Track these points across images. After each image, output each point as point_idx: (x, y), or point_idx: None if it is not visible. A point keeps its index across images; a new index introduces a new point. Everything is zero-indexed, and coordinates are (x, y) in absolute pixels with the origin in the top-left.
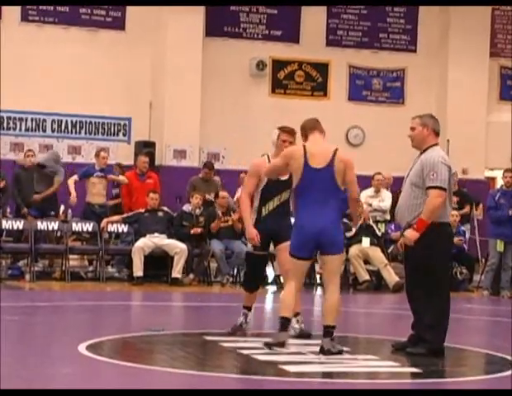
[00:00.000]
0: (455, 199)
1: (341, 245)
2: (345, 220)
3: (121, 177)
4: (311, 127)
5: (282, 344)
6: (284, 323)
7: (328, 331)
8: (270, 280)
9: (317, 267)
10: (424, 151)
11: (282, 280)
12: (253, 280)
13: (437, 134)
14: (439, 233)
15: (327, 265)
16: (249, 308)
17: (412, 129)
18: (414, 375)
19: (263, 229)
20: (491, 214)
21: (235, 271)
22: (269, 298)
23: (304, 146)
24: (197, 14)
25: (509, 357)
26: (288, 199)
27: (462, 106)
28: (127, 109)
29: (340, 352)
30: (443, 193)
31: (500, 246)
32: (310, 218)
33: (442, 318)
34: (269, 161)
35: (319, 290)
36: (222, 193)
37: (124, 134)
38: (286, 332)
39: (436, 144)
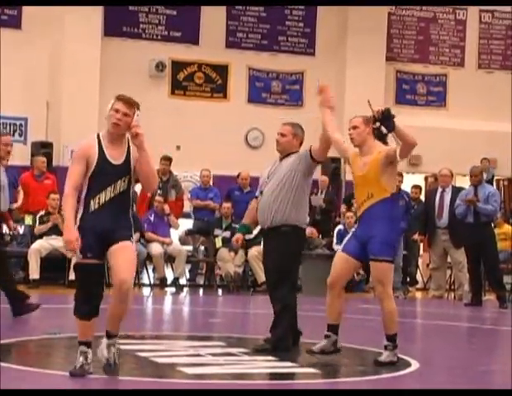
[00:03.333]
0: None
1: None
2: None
3: None
4: None
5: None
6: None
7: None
8: (169, 282)
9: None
10: (287, 156)
11: (180, 281)
12: (87, 302)
13: (301, 144)
14: (294, 236)
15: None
16: (88, 344)
17: (282, 135)
18: (312, 375)
19: (93, 229)
20: None
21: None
22: (168, 300)
23: None
24: (96, 14)
25: (404, 357)
26: (128, 189)
27: (359, 108)
28: (23, 109)
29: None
30: None
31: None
32: None
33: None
34: (99, 141)
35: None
36: None
37: (20, 135)
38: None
39: (298, 152)
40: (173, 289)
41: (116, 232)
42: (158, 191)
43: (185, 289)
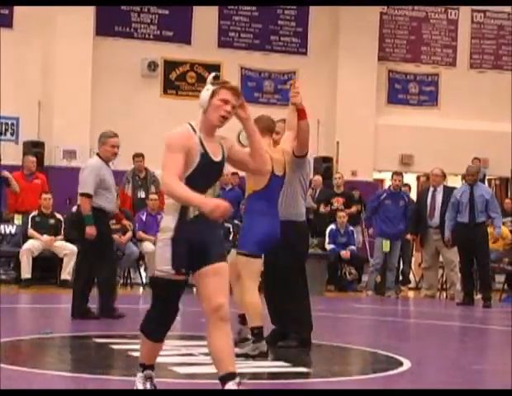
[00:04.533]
0: (341, 200)
1: None
2: (236, 222)
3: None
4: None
5: (265, 354)
6: (259, 333)
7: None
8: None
9: None
10: None
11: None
12: (165, 323)
13: None
14: (296, 232)
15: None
16: (151, 367)
17: (277, 133)
18: (303, 375)
19: (189, 241)
20: (370, 212)
21: (126, 272)
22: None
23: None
24: (87, 13)
25: (395, 356)
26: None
27: (351, 108)
28: (15, 108)
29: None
30: None
31: (385, 246)
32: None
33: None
34: (194, 131)
35: None
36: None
37: (12, 134)
38: (263, 341)
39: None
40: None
41: (212, 247)
42: (155, 189)
43: None
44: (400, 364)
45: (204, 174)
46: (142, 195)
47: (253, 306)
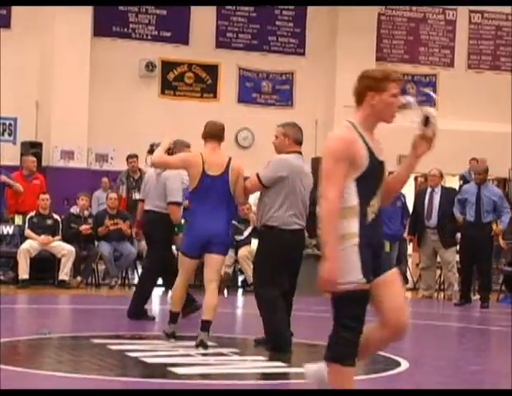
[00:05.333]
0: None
1: (226, 248)
2: (234, 222)
3: (17, 184)
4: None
5: (172, 335)
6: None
7: (205, 326)
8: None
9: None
10: None
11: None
12: (357, 343)
13: (297, 142)
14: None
15: (211, 263)
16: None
17: (275, 136)
18: (300, 375)
19: (370, 245)
20: None
21: (123, 273)
22: (158, 300)
23: (201, 154)
24: (85, 13)
25: (393, 356)
26: None
27: (349, 109)
28: (13, 108)
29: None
30: None
31: (385, 247)
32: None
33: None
34: (357, 131)
35: None
36: (111, 194)
37: (9, 134)
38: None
39: (295, 152)
40: (161, 289)
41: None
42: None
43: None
44: (398, 364)
45: (372, 176)
46: (137, 196)
47: (175, 295)
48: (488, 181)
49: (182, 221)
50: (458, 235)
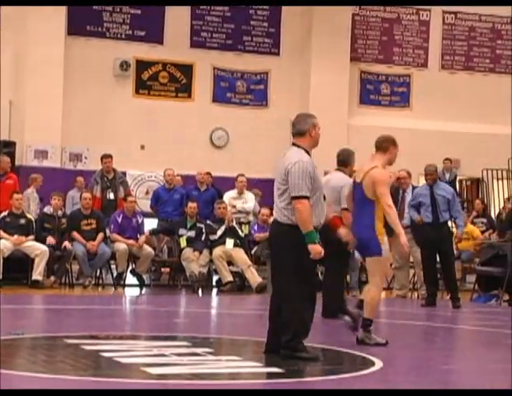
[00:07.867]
0: None
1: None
2: (209, 222)
3: None
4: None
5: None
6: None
7: (364, 323)
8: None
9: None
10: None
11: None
12: None
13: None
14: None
15: (367, 266)
16: None
17: None
18: (275, 375)
19: None
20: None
21: (97, 273)
22: (132, 300)
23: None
24: (59, 13)
25: (367, 356)
26: None
27: (323, 108)
28: None
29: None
30: None
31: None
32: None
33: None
34: None
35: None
36: (85, 194)
37: None
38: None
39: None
40: (136, 289)
41: None
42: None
43: (149, 289)
44: (372, 364)
45: None
46: (111, 196)
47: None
48: (446, 181)
49: None
50: None
